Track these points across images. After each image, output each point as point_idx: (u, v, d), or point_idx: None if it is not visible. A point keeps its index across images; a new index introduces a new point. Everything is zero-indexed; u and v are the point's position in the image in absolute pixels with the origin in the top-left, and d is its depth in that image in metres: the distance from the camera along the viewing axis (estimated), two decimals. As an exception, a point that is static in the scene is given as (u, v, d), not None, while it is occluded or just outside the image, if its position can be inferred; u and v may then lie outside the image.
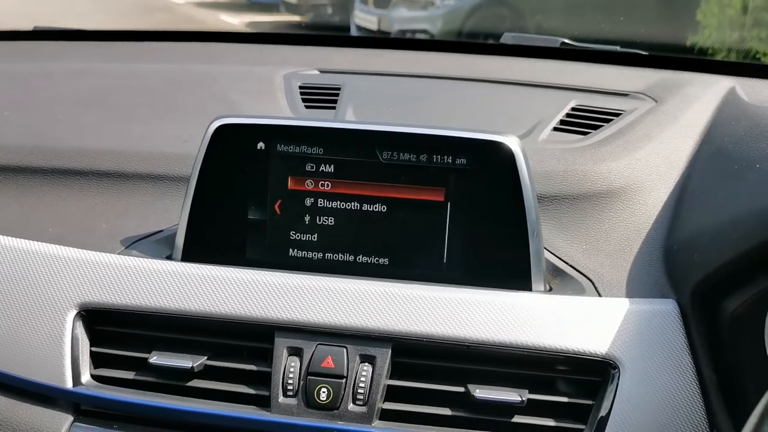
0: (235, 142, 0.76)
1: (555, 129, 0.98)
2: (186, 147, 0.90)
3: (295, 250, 0.76)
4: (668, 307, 0.70)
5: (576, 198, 0.84)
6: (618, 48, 1.27)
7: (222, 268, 0.74)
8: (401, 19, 5.37)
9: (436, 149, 0.74)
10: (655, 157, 0.88)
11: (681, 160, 0.88)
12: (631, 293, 0.74)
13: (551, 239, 0.82)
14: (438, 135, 0.75)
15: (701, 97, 1.02)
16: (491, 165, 0.74)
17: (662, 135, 0.92)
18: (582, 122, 0.99)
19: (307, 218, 0.76)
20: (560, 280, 0.77)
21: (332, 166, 0.76)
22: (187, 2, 7.30)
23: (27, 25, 1.43)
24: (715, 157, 0.83)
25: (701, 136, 0.91)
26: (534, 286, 0.74)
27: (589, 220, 0.83)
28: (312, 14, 6.61)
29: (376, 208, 0.76)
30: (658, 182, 0.85)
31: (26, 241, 0.78)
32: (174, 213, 0.83)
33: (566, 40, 1.27)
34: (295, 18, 6.74)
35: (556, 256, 0.80)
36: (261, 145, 0.77)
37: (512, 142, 0.73)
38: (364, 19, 5.44)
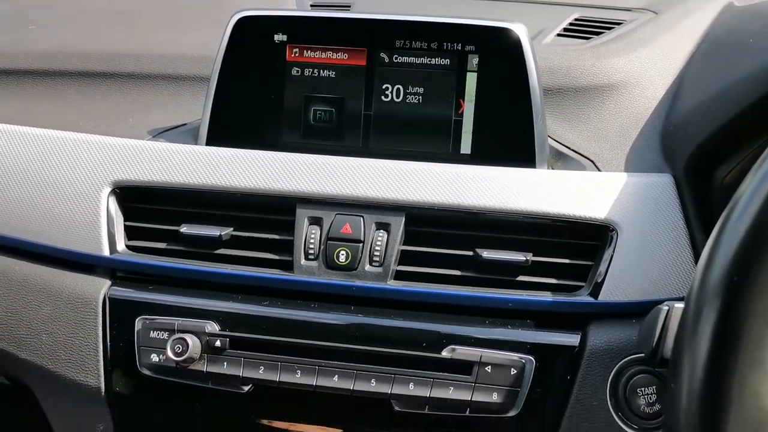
0: (254, 34, 0.81)
1: (558, 35, 1.02)
2: (206, 49, 0.94)
3: (313, 134, 0.81)
4: (664, 180, 0.75)
5: (578, 90, 0.88)
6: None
7: (245, 150, 0.79)
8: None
9: (447, 37, 0.79)
10: (654, 56, 0.92)
11: (679, 59, 0.92)
12: (629, 171, 0.78)
13: (554, 128, 0.86)
14: (449, 23, 0.79)
15: (701, 8, 1.05)
16: (499, 50, 0.78)
17: (661, 38, 0.96)
18: (585, 29, 1.03)
19: (323, 104, 0.81)
20: (563, 162, 0.82)
21: (347, 54, 0.80)
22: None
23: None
24: (710, 48, 0.87)
25: (699, 40, 0.95)
26: (538, 165, 0.79)
27: (591, 110, 0.88)
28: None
29: (388, 95, 0.80)
30: (656, 77, 0.89)
31: (62, 131, 0.83)
32: (196, 110, 0.88)
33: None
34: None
35: (558, 142, 0.85)
36: (279, 36, 0.81)
37: (519, 29, 0.78)
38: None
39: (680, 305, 0.56)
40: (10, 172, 0.81)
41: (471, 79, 0.79)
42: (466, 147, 0.80)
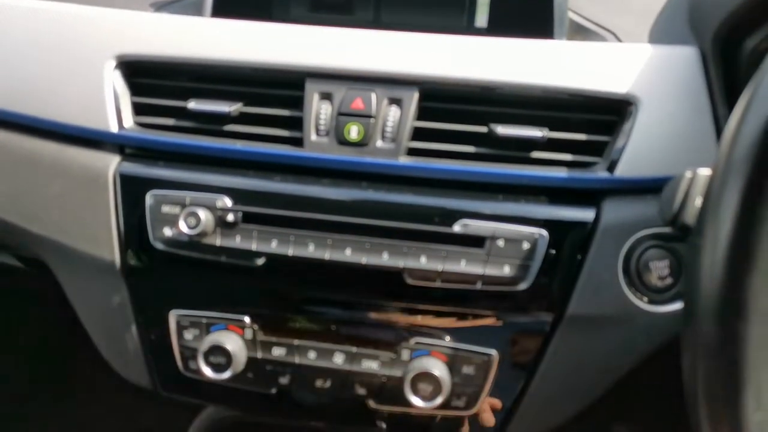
0: None
1: None
2: None
3: (322, 7, 0.78)
4: (689, 52, 0.72)
5: None
6: None
7: (253, 22, 0.76)
8: None
9: None
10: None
11: None
12: (652, 43, 0.75)
13: (574, 1, 0.82)
14: None
15: None
16: None
17: None
18: None
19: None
20: (582, 36, 0.79)
21: None
22: None
23: None
24: None
25: None
26: (556, 38, 0.75)
27: None
28: None
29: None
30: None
31: (62, 3, 0.80)
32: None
33: None
34: None
35: (579, 14, 0.81)
36: None
37: None
38: None
39: (705, 170, 0.54)
40: (12, 47, 0.79)
41: (488, -54, 0.75)
42: (481, 19, 0.77)
